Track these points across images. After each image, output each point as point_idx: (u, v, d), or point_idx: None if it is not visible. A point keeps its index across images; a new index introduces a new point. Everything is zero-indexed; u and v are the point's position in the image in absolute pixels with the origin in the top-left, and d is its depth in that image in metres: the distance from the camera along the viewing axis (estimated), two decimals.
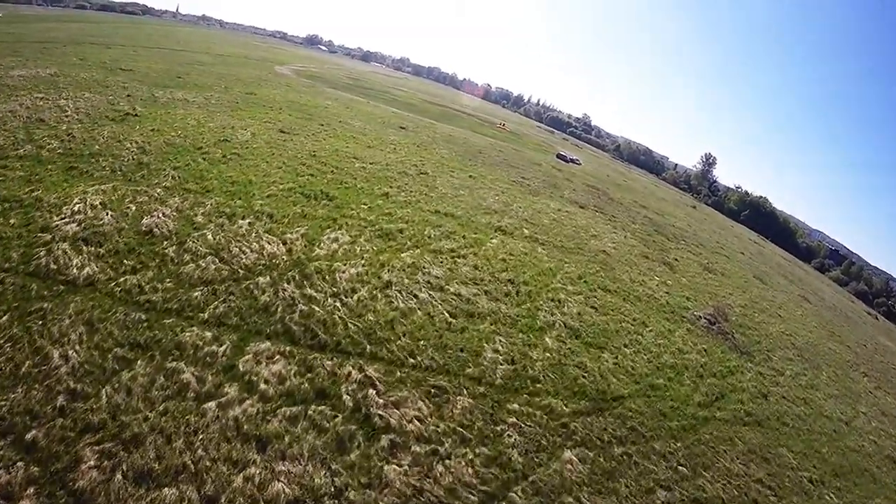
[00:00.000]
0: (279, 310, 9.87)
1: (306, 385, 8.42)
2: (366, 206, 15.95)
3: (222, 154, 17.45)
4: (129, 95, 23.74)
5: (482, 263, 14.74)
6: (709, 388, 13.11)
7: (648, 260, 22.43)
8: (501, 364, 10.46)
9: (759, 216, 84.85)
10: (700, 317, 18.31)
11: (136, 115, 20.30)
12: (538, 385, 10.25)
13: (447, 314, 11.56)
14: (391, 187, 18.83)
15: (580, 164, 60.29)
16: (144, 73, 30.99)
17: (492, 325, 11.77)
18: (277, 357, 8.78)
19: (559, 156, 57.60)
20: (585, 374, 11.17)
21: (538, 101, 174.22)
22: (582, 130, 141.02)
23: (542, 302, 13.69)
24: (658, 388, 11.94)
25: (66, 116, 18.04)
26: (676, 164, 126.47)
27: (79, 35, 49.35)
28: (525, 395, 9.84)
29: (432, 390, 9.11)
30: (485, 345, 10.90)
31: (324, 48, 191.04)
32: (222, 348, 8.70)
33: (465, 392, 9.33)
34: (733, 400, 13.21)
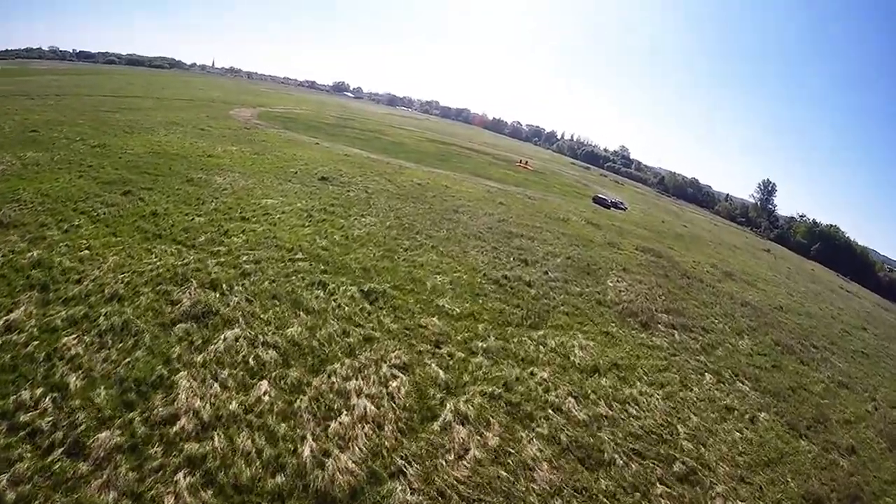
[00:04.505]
0: None
1: None
2: None
3: None
4: None
5: None
6: None
7: None
8: None
9: (832, 249, 68.53)
10: None
11: None
12: None
13: None
14: None
15: (625, 208, 46.05)
16: None
17: None
18: None
19: (597, 200, 43.59)
20: None
21: (572, 136, 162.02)
22: (621, 164, 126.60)
23: None
24: None
25: None
26: (728, 195, 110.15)
27: (37, 89, 41.71)
28: None
29: None
30: None
31: (350, 94, 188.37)
32: None
33: None
34: None
